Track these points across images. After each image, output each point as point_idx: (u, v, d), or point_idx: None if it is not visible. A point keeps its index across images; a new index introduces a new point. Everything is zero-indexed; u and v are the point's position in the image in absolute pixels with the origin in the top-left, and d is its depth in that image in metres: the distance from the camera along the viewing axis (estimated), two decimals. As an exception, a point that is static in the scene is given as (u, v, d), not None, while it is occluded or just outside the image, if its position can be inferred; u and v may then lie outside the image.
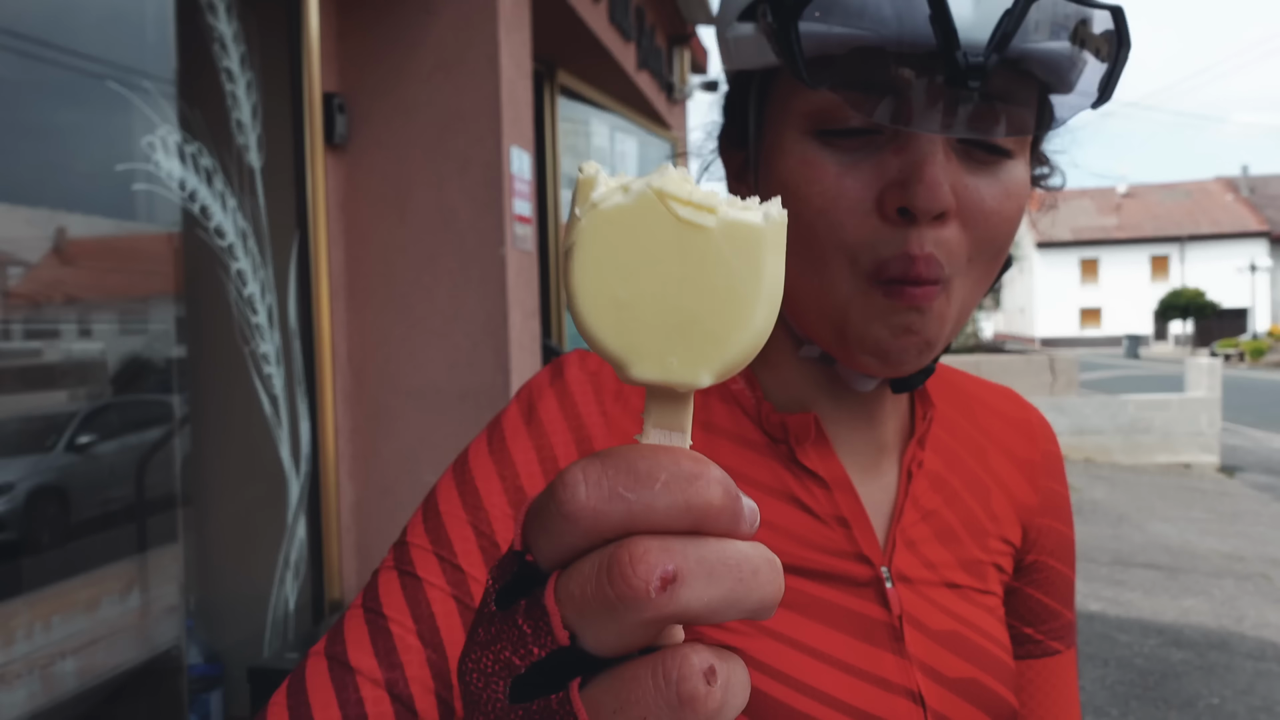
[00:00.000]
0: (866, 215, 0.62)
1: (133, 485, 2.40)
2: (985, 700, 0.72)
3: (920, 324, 0.63)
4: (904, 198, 0.60)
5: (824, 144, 0.63)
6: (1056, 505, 0.84)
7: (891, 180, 0.61)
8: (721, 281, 0.34)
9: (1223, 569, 6.56)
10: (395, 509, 2.89)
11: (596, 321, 0.34)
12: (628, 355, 0.34)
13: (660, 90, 5.64)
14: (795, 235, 0.63)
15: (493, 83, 2.78)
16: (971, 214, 0.62)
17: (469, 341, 2.82)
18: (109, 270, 2.26)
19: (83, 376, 2.21)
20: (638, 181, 0.34)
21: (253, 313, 2.61)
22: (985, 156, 0.63)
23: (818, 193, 0.62)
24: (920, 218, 0.60)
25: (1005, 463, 0.82)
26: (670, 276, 0.33)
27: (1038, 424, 0.86)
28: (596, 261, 0.33)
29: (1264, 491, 9.61)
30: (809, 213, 0.63)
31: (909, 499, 0.74)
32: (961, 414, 0.82)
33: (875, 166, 0.62)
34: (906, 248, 0.61)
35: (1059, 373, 12.42)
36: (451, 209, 2.82)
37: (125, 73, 2.21)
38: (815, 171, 0.63)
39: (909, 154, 0.61)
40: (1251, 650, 4.94)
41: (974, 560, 0.76)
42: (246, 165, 2.58)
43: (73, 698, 2.11)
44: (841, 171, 0.62)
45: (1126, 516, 8.19)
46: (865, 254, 0.62)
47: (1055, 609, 0.84)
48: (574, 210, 0.34)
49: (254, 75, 2.60)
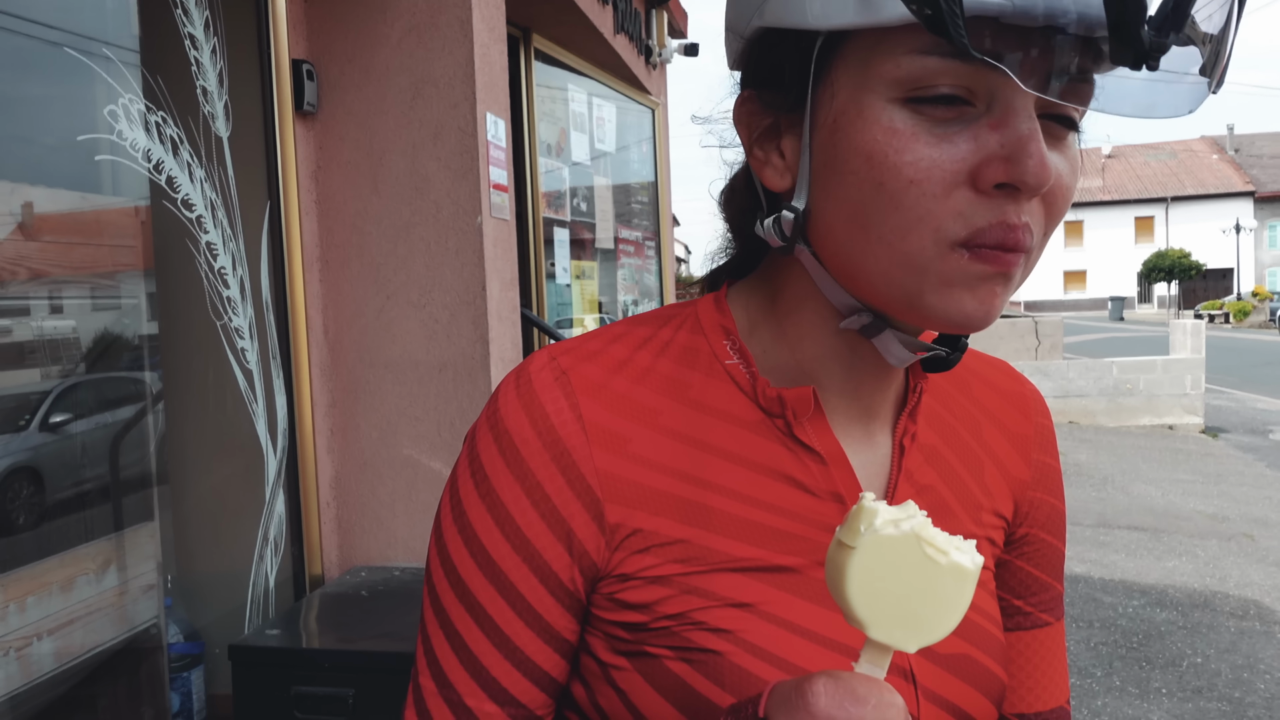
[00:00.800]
0: (959, 187, 0.59)
1: (107, 464, 2.36)
2: (976, 676, 0.72)
3: (1004, 289, 0.61)
4: (1009, 173, 0.57)
5: (913, 112, 0.59)
6: (1048, 478, 0.84)
7: (991, 154, 0.58)
8: (940, 597, 0.53)
9: (1206, 529, 6.61)
10: (376, 482, 2.87)
11: (856, 599, 0.53)
12: (870, 622, 0.53)
13: (639, 54, 5.57)
14: (877, 204, 0.60)
15: (466, 47, 2.72)
16: (1052, 190, 0.61)
17: (447, 312, 2.79)
18: (76, 245, 2.21)
19: (54, 354, 2.17)
20: (906, 522, 0.53)
21: (224, 286, 2.57)
22: (1059, 130, 0.61)
23: (909, 162, 0.59)
24: (1026, 193, 0.58)
25: (998, 436, 0.81)
26: (910, 586, 0.53)
27: (1031, 397, 0.85)
28: (868, 565, 0.52)
29: (1247, 452, 9.69)
30: (897, 182, 0.59)
31: (902, 473, 0.73)
32: (956, 387, 0.81)
33: (971, 139, 0.59)
34: (1005, 217, 0.59)
35: (1044, 337, 12.47)
36: (426, 177, 2.77)
37: (84, 40, 2.15)
38: (905, 141, 0.59)
39: (1011, 128, 0.58)
40: (1234, 609, 4.99)
41: (968, 534, 0.75)
42: (214, 134, 2.52)
43: (50, 679, 2.09)
44: (934, 141, 0.59)
45: (1111, 479, 8.24)
46: (954, 223, 0.59)
47: (1045, 581, 0.84)
48: (858, 525, 0.53)
49: (219, 41, 2.54)
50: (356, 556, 2.89)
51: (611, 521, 0.66)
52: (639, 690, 0.66)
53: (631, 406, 0.69)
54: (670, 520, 0.67)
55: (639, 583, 0.66)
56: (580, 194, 5.22)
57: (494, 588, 0.67)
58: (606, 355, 0.71)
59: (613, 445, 0.67)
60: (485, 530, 0.67)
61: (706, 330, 0.73)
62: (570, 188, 5.08)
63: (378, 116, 2.79)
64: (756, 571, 0.67)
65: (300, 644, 2.37)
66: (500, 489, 0.67)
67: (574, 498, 0.66)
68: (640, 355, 0.71)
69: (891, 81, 0.59)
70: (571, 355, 0.70)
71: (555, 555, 0.66)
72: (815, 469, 0.70)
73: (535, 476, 0.66)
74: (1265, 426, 11.40)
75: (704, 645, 0.65)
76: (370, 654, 2.19)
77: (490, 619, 0.67)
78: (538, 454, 0.66)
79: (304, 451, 2.77)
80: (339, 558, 2.90)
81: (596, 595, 0.68)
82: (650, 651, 0.66)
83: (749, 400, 0.71)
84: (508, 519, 0.66)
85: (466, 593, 0.68)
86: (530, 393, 0.68)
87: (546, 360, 0.70)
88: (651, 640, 0.66)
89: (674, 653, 0.65)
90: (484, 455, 0.68)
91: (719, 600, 0.66)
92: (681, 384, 0.70)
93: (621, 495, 0.67)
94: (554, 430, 0.67)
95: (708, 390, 0.71)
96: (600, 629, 0.68)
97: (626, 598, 0.67)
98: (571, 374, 0.69)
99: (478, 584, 0.67)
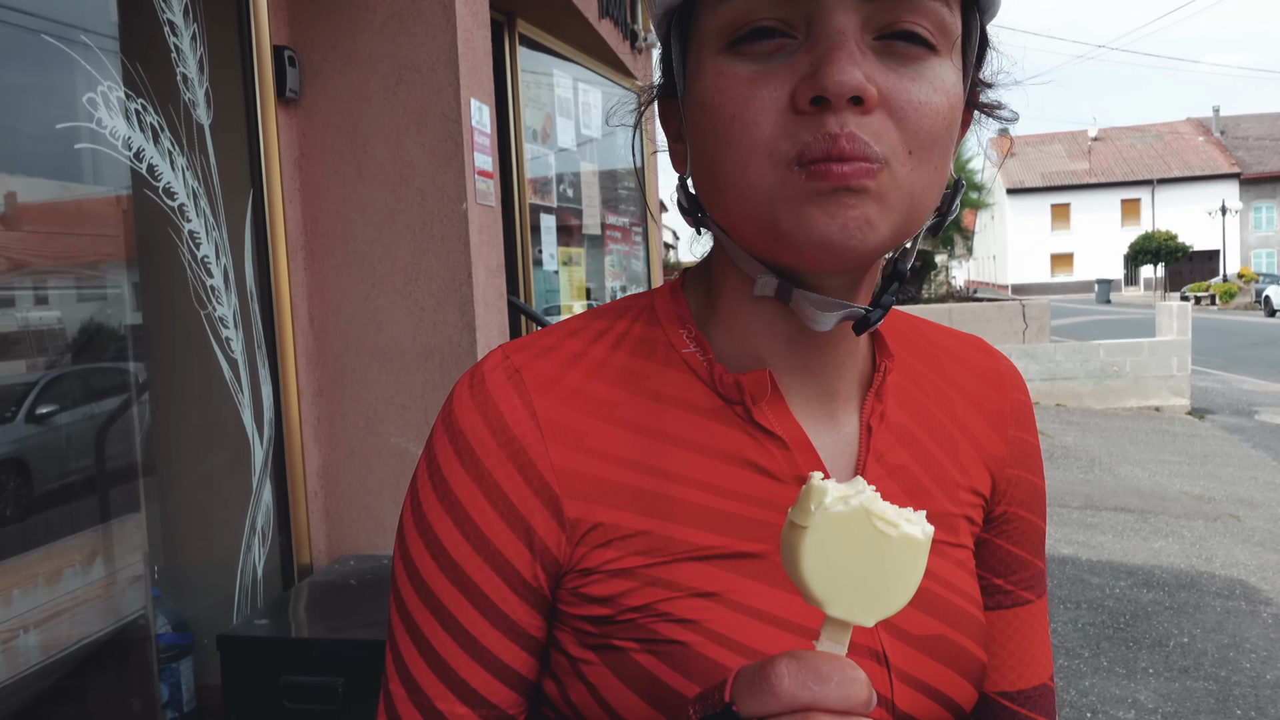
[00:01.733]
0: (781, 112, 0.60)
1: (94, 455, 2.35)
2: (953, 656, 0.71)
3: (856, 201, 0.60)
4: (814, 85, 0.58)
5: (736, 55, 0.62)
6: (1026, 455, 0.83)
7: (804, 75, 0.59)
8: (893, 569, 0.54)
9: (1193, 510, 6.66)
10: (364, 471, 2.86)
11: (812, 578, 0.53)
12: (828, 599, 0.53)
13: (624, 39, 5.54)
14: (717, 148, 0.62)
15: (449, 33, 2.70)
16: (897, 105, 0.60)
17: (433, 300, 2.77)
18: (55, 234, 2.19)
19: (39, 345, 2.15)
20: (854, 497, 0.53)
21: (208, 275, 2.55)
22: (907, 50, 0.61)
23: (730, 99, 0.61)
24: (835, 101, 0.58)
25: (972, 413, 0.80)
26: (863, 561, 0.53)
27: (1006, 373, 0.84)
28: (821, 543, 0.53)
29: (1233, 433, 9.75)
30: (724, 120, 0.61)
31: (870, 453, 0.73)
32: (926, 364, 0.80)
33: (789, 68, 0.60)
34: (825, 128, 0.59)
35: (1031, 320, 12.51)
36: (410, 164, 2.75)
37: (62, 26, 2.12)
38: (727, 80, 0.62)
39: (819, 47, 0.59)
40: (1221, 589, 5.02)
41: (944, 513, 0.75)
42: (195, 122, 2.50)
43: (38, 671, 2.09)
44: (754, 76, 0.61)
45: (1098, 460, 8.28)
46: (784, 144, 0.60)
47: (1025, 559, 0.83)
48: (808, 505, 0.53)
49: (199, 28, 2.51)
50: (345, 545, 2.89)
51: (571, 517, 0.66)
52: (608, 684, 0.66)
53: (587, 401, 0.69)
54: (631, 513, 0.67)
55: (602, 576, 0.66)
56: (567, 180, 5.20)
57: (457, 589, 0.67)
58: (560, 350, 0.71)
59: (569, 440, 0.67)
60: (446, 532, 0.67)
61: (663, 320, 0.73)
62: (556, 174, 5.06)
63: (361, 103, 2.77)
64: (721, 559, 0.67)
65: (289, 633, 2.36)
66: (458, 490, 0.67)
67: (532, 495, 0.66)
68: (595, 348, 0.71)
69: (716, 32, 0.62)
70: (525, 353, 0.70)
71: (516, 553, 0.66)
72: (777, 453, 0.69)
73: (492, 476, 0.66)
74: (1251, 407, 11.46)
75: (670, 636, 0.65)
76: (359, 643, 2.19)
77: (456, 621, 0.67)
78: (493, 453, 0.66)
79: (291, 441, 2.76)
80: (327, 547, 2.89)
81: (561, 591, 0.68)
82: (617, 645, 0.66)
83: (707, 388, 0.70)
84: (467, 520, 0.66)
85: (430, 596, 0.68)
86: (484, 392, 0.68)
87: (500, 359, 0.70)
88: (617, 634, 0.66)
89: (640, 645, 0.65)
90: (440, 457, 0.68)
91: (683, 590, 0.66)
92: (638, 375, 0.70)
93: (580, 490, 0.67)
94: (508, 429, 0.67)
95: (665, 380, 0.70)
96: (568, 624, 0.68)
97: (591, 592, 0.67)
98: (524, 371, 0.69)
99: (441, 586, 0.67)
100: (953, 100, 0.62)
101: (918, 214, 0.63)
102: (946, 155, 0.64)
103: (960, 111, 0.64)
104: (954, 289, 23.43)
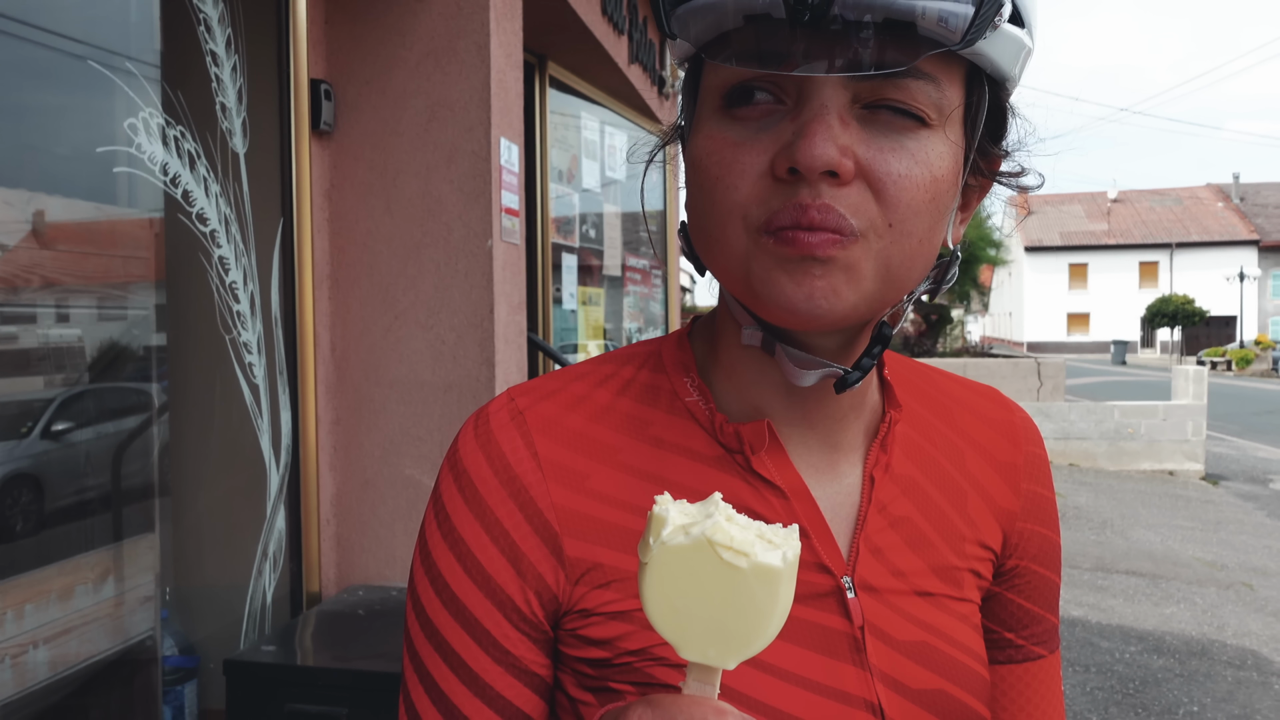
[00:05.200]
0: (760, 178, 0.62)
1: (109, 473, 2.36)
2: (951, 711, 0.71)
3: (823, 271, 0.61)
4: (789, 157, 0.60)
5: (730, 118, 0.64)
6: (1040, 509, 0.82)
7: (785, 143, 0.61)
8: (749, 604, 0.48)
9: (1205, 577, 6.58)
10: (377, 501, 2.87)
11: (658, 619, 0.49)
12: (679, 642, 0.49)
13: (652, 84, 5.62)
14: (702, 205, 0.65)
15: (483, 73, 2.75)
16: (876, 177, 0.61)
17: (454, 334, 2.80)
18: (88, 254, 2.23)
19: (60, 363, 2.18)
20: (696, 526, 0.48)
21: (235, 300, 2.58)
22: (893, 120, 0.62)
23: (715, 162, 0.63)
24: (807, 174, 0.59)
25: (984, 466, 0.80)
26: (713, 596, 0.48)
27: (1020, 425, 0.83)
28: (661, 580, 0.48)
29: (1247, 500, 9.65)
30: (709, 180, 0.64)
31: (873, 505, 0.73)
32: (937, 415, 0.80)
33: (773, 135, 0.62)
34: (797, 198, 0.60)
35: (1046, 378, 12.45)
36: (438, 199, 2.79)
37: (107, 54, 2.17)
38: (716, 144, 0.64)
39: (800, 118, 0.61)
40: (1232, 658, 4.95)
41: (949, 566, 0.75)
42: (230, 150, 2.54)
43: (44, 688, 2.08)
44: (740, 141, 0.63)
45: (1110, 523, 8.21)
46: (757, 210, 0.62)
47: (1038, 614, 0.83)
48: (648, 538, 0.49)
49: (240, 59, 2.57)
50: (355, 575, 2.89)
51: (570, 555, 0.67)
52: None
53: (589, 444, 0.70)
54: (631, 555, 0.68)
55: (600, 618, 0.67)
56: (589, 221, 5.24)
57: (459, 625, 0.68)
58: (565, 393, 0.72)
59: (570, 481, 0.68)
60: (449, 569, 0.68)
61: (668, 368, 0.74)
62: (580, 214, 5.10)
63: (393, 138, 2.82)
64: None
65: (295, 661, 2.36)
66: (461, 527, 0.69)
67: (532, 532, 0.67)
68: (600, 393, 0.73)
69: (715, 89, 0.64)
70: (530, 395, 0.72)
71: (516, 590, 0.67)
72: (776, 503, 0.70)
73: (494, 513, 0.68)
74: (1265, 475, 11.36)
75: (665, 681, 0.65)
76: (365, 674, 2.18)
77: (458, 656, 0.68)
78: (495, 491, 0.68)
79: (306, 468, 2.77)
80: (337, 575, 2.89)
81: (562, 632, 0.69)
82: (614, 688, 0.66)
83: (709, 436, 0.71)
84: (469, 555, 0.68)
85: (435, 633, 0.69)
86: (487, 433, 0.70)
87: (505, 401, 0.72)
88: (614, 676, 0.66)
89: (635, 689, 0.66)
90: (445, 496, 0.70)
91: None
92: (642, 422, 0.72)
93: (580, 530, 0.68)
94: (510, 468, 0.68)
95: (669, 428, 0.71)
96: (569, 665, 0.69)
97: (589, 634, 0.67)
98: (528, 413, 0.70)
99: (444, 622, 0.68)
100: (937, 173, 0.63)
101: (897, 284, 0.64)
102: (934, 227, 0.64)
103: (950, 183, 0.65)
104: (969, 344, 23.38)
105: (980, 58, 0.62)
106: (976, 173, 0.70)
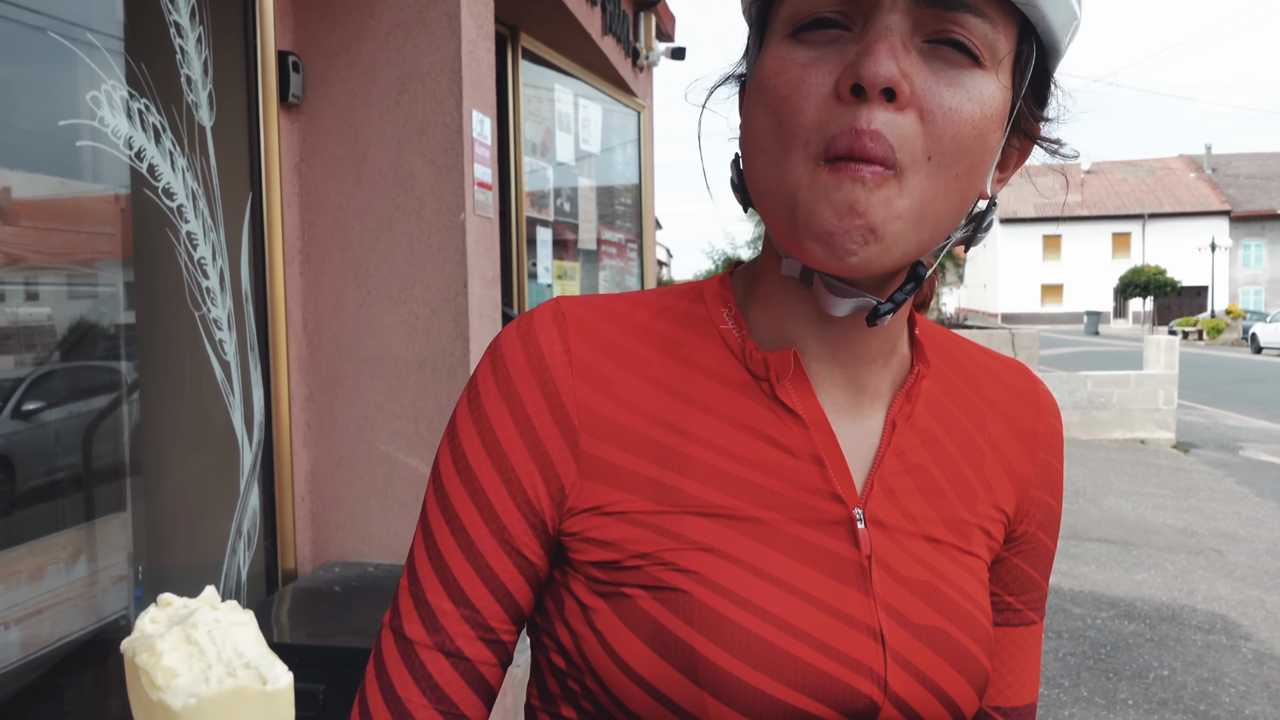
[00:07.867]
0: (825, 99, 0.64)
1: (80, 452, 2.34)
2: (951, 651, 0.72)
3: (865, 203, 0.62)
4: (853, 73, 0.62)
5: (797, 41, 0.66)
6: (1051, 479, 0.85)
7: (848, 64, 0.63)
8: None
9: (1175, 543, 6.68)
10: (351, 477, 2.85)
11: None
12: None
13: (626, 57, 5.57)
14: (766, 127, 0.66)
15: (453, 44, 2.72)
16: (928, 108, 0.63)
17: (428, 309, 2.78)
18: (53, 230, 2.19)
19: (28, 341, 2.15)
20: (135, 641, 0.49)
21: (204, 276, 2.55)
22: (951, 56, 0.64)
23: (783, 82, 0.65)
24: (868, 91, 0.61)
25: (1005, 431, 0.82)
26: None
27: (1044, 397, 0.87)
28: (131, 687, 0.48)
29: (1217, 468, 9.79)
30: (775, 102, 0.65)
31: (891, 448, 0.75)
32: (964, 379, 0.83)
33: (839, 57, 0.64)
34: (854, 122, 0.62)
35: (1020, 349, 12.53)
36: (410, 173, 2.76)
37: (67, 24, 2.13)
38: (785, 64, 0.65)
39: (865, 39, 0.63)
40: (1202, 623, 5.04)
41: (959, 520, 0.77)
42: (197, 124, 2.50)
43: (16, 669, 2.07)
44: (808, 63, 0.65)
45: (1082, 491, 8.31)
46: (817, 134, 0.63)
47: (1037, 580, 0.86)
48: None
49: (205, 30, 2.52)
50: (330, 552, 2.88)
51: (585, 450, 0.71)
52: (615, 631, 0.69)
53: (621, 353, 0.74)
54: (645, 460, 0.71)
55: (610, 518, 0.70)
56: (564, 194, 5.21)
57: (467, 493, 0.72)
58: (608, 309, 0.76)
59: (597, 383, 0.72)
60: (469, 441, 0.73)
61: (708, 300, 0.78)
62: (554, 188, 5.07)
63: (363, 110, 2.78)
64: (727, 519, 0.70)
65: (271, 638, 2.35)
66: (488, 405, 0.73)
67: (552, 422, 0.71)
68: (640, 313, 0.76)
69: (786, 20, 0.66)
70: (575, 303, 0.76)
71: (525, 472, 0.71)
72: (796, 431, 0.73)
73: (520, 398, 0.72)
74: (1235, 443, 11.52)
75: (673, 584, 0.68)
76: (341, 650, 2.18)
77: (459, 520, 0.72)
78: (525, 377, 0.72)
79: (280, 445, 2.75)
80: (312, 552, 2.88)
81: (571, 538, 0.71)
82: (625, 592, 0.69)
83: (738, 362, 0.74)
84: (489, 431, 0.72)
85: (444, 496, 0.73)
86: (529, 327, 0.74)
87: (552, 304, 0.76)
88: (625, 580, 0.69)
89: (646, 592, 0.68)
90: (480, 378, 0.75)
91: (688, 542, 0.69)
92: (675, 342, 0.75)
93: (598, 429, 0.71)
94: (542, 359, 0.72)
95: (699, 350, 0.75)
96: (581, 571, 0.71)
97: (599, 535, 0.70)
98: (569, 315, 0.74)
99: (454, 489, 0.73)
100: (987, 112, 0.65)
101: (931, 225, 0.66)
102: (974, 169, 0.66)
103: (996, 126, 0.66)
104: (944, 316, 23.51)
105: (1034, 9, 0.65)
106: (1018, 131, 0.72)
